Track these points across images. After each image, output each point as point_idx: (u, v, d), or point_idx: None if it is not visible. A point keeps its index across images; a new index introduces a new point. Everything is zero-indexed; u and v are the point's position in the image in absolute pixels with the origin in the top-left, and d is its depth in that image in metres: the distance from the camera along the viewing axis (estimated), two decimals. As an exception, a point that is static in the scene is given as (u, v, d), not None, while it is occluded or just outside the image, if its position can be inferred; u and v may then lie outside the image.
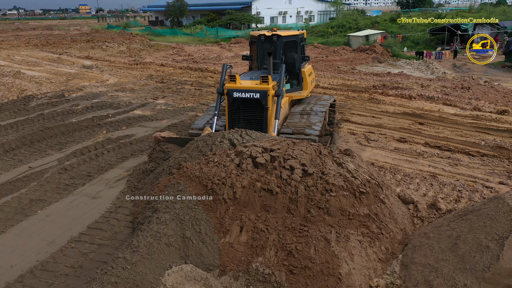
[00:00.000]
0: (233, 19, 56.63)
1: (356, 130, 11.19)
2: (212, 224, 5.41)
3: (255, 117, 8.23)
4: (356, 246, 5.19)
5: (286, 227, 5.27)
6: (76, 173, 8.51)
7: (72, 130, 11.36)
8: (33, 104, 14.49)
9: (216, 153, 6.50)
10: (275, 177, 5.66)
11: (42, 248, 5.86)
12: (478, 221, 5.02)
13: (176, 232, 5.16)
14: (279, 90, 8.08)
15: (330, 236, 5.14)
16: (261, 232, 5.22)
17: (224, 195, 5.56)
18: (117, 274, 4.55)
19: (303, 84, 10.04)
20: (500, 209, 4.93)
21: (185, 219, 5.35)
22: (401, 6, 78.11)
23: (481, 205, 5.36)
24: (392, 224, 5.86)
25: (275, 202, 5.49)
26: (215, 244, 5.21)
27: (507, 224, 4.71)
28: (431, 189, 7.44)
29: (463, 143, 9.97)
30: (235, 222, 5.40)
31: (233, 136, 6.99)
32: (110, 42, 38.72)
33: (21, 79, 19.44)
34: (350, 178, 5.77)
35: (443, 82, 18.46)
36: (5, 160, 9.23)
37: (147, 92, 16.92)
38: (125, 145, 10.14)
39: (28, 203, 7.21)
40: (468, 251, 4.79)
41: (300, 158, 5.92)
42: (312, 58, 27.83)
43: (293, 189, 5.52)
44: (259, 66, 10.00)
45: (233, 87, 8.16)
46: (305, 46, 11.25)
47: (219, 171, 5.89)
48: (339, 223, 5.34)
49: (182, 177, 6.13)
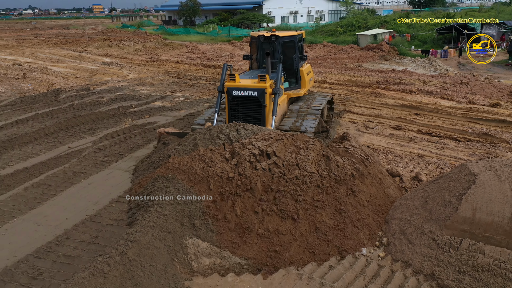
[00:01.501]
0: (245, 19, 57.82)
1: (357, 120, 12.32)
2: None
3: (253, 114, 8.56)
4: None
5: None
6: (109, 152, 9.82)
7: (101, 118, 12.70)
8: (62, 96, 15.90)
9: (210, 149, 6.93)
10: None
11: (89, 207, 7.15)
12: (444, 183, 6.17)
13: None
14: (276, 88, 8.39)
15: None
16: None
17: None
18: (153, 220, 5.79)
19: (301, 83, 10.36)
20: (462, 173, 6.07)
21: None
22: (413, 6, 78.56)
23: (449, 172, 6.49)
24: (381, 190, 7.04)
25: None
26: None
27: (466, 184, 5.84)
28: (418, 167, 8.57)
29: (452, 131, 11.05)
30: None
31: (230, 131, 7.37)
32: (126, 41, 40.19)
33: (48, 74, 20.94)
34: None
35: (444, 79, 19.41)
36: (46, 142, 10.60)
37: (165, 86, 18.25)
38: (149, 130, 11.44)
39: (72, 175, 8.53)
40: (435, 206, 5.94)
41: (303, 161, 6.43)
42: (321, 56, 28.95)
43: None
44: (258, 65, 10.26)
45: (233, 86, 8.51)
46: (315, 44, 12.28)
47: (211, 170, 6.34)
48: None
49: (169, 170, 6.75)
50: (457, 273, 5.15)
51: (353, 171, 6.70)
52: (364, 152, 7.71)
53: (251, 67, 10.80)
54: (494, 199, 5.49)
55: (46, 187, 7.96)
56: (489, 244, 5.27)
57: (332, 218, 6.03)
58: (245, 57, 10.89)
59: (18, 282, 5.21)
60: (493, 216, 5.34)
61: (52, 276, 5.33)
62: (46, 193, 7.72)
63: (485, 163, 6.20)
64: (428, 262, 5.42)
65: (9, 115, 13.06)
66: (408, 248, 5.76)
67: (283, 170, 6.24)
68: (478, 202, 5.51)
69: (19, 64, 23.93)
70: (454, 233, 5.52)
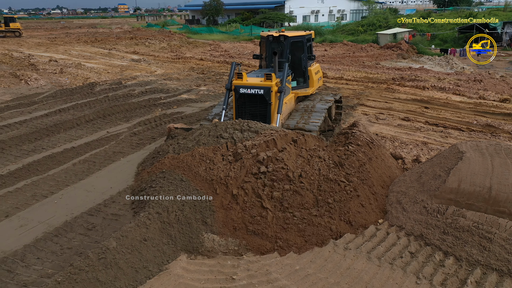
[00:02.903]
0: (267, 18, 58.80)
1: (369, 112, 13.19)
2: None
3: (259, 111, 8.80)
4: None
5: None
6: (143, 136, 11.04)
7: (134, 108, 13.98)
8: (97, 89, 17.30)
9: (212, 149, 7.26)
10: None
11: (129, 179, 8.33)
12: (437, 160, 7.07)
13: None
14: (281, 87, 8.63)
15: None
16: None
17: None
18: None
19: (309, 82, 10.55)
20: (452, 151, 6.96)
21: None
22: (438, 5, 77.97)
23: (442, 151, 7.36)
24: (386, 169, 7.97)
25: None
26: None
27: (454, 161, 6.72)
28: (421, 152, 9.42)
29: (458, 122, 11.81)
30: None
31: (234, 131, 7.62)
32: (152, 39, 41.80)
33: (83, 69, 22.51)
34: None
35: (459, 76, 19.97)
36: (87, 127, 11.91)
37: (191, 81, 19.48)
38: (178, 119, 12.62)
39: (112, 154, 9.77)
40: (427, 180, 6.85)
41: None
42: (340, 55, 29.72)
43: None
44: (267, 64, 10.48)
45: (240, 84, 8.79)
46: (335, 43, 12.91)
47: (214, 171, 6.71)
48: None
49: (165, 165, 7.28)
50: (442, 234, 6.05)
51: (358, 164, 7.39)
52: (369, 136, 8.62)
53: (260, 66, 11.07)
54: (477, 172, 6.36)
55: (91, 163, 9.22)
56: (471, 210, 6.15)
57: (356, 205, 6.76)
58: (255, 56, 11.24)
59: (76, 232, 6.41)
60: (475, 187, 6.22)
61: (104, 228, 6.50)
62: (92, 167, 8.96)
63: (472, 143, 7.07)
64: (418, 226, 6.34)
65: (51, 105, 14.48)
66: (403, 215, 6.69)
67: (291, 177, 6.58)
68: (464, 175, 6.40)
69: (55, 60, 25.65)
70: (442, 202, 6.42)
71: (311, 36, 10.87)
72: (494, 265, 5.43)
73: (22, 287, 5.13)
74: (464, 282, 5.28)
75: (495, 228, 5.75)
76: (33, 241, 6.11)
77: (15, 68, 22.34)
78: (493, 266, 5.43)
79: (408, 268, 5.58)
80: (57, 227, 6.49)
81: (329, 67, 23.36)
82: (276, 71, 9.12)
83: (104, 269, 5.14)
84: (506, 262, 5.41)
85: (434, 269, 5.57)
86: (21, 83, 18.22)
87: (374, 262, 5.75)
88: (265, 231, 6.14)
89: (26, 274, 5.39)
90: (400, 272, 5.54)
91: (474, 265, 5.51)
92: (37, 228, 6.52)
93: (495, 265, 5.43)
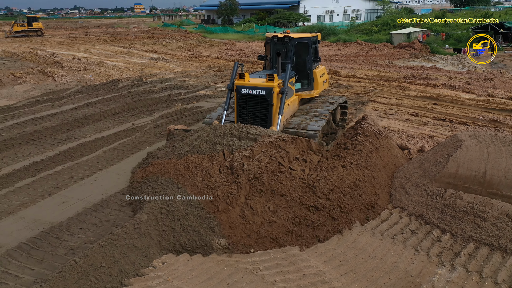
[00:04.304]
0: (281, 18, 59.45)
1: (379, 108, 13.78)
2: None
3: (260, 112, 8.72)
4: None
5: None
6: (166, 128, 11.78)
7: (156, 102, 14.84)
8: (120, 85, 18.24)
9: (208, 157, 7.14)
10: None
11: (155, 165, 9.12)
12: (438, 148, 7.69)
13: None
14: (283, 88, 8.53)
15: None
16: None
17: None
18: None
19: (314, 84, 10.36)
20: (452, 140, 7.58)
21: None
22: (455, 4, 77.52)
23: (443, 141, 7.98)
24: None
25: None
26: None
27: (453, 148, 7.34)
28: (426, 144, 10.01)
29: (464, 118, 12.33)
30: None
31: (232, 138, 7.46)
32: (169, 39, 42.82)
33: (105, 67, 23.56)
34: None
35: (470, 75, 20.35)
36: (114, 120, 12.79)
37: (208, 78, 20.31)
38: (197, 113, 13.42)
39: (139, 143, 10.60)
40: (428, 166, 7.47)
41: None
42: (353, 54, 30.22)
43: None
44: (271, 65, 10.31)
45: (242, 84, 8.69)
46: (349, 43, 13.08)
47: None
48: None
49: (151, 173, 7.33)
50: (440, 213, 6.68)
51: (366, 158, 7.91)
52: (377, 128, 9.26)
53: (265, 67, 10.92)
54: (474, 158, 6.98)
55: (120, 151, 10.06)
56: (467, 193, 6.76)
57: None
58: (260, 57, 11.07)
59: (112, 208, 7.22)
60: (472, 171, 6.84)
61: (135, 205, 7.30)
62: (121, 155, 9.81)
63: (471, 133, 7.68)
64: (419, 207, 6.98)
65: (79, 99, 15.44)
66: (405, 197, 7.33)
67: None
68: (461, 161, 7.02)
69: (78, 58, 26.80)
70: (441, 185, 7.04)
71: (317, 38, 10.74)
72: (486, 240, 6.05)
73: (69, 250, 5.95)
74: (458, 254, 5.91)
75: (488, 208, 6.36)
76: (75, 215, 6.94)
77: (41, 65, 23.50)
78: (485, 241, 6.05)
79: (408, 242, 6.25)
80: (94, 204, 7.33)
81: (342, 66, 23.93)
82: (279, 72, 9.11)
83: (139, 237, 5.92)
84: (497, 237, 6.02)
85: (432, 243, 6.21)
86: (49, 79, 19.28)
87: (377, 237, 6.42)
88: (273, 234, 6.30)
89: (71, 240, 6.22)
90: (400, 245, 6.20)
91: (468, 241, 6.13)
92: (78, 204, 7.36)
93: (487, 240, 6.05)
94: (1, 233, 6.48)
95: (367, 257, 5.97)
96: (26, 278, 5.36)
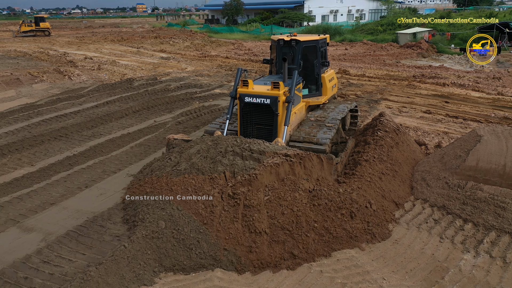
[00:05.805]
0: (286, 18, 59.77)
1: (392, 106, 14.14)
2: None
3: (265, 122, 8.14)
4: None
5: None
6: (187, 125, 12.24)
7: (174, 100, 15.22)
8: (136, 84, 18.63)
9: (209, 179, 6.52)
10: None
11: (182, 160, 9.49)
12: (457, 143, 8.05)
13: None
14: (289, 97, 7.93)
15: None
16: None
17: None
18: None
19: (322, 90, 9.72)
20: (471, 135, 7.94)
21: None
22: (458, 4, 77.77)
23: (462, 136, 8.34)
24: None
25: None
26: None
27: (473, 143, 7.70)
28: (442, 140, 10.37)
29: (477, 115, 12.68)
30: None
31: (235, 157, 6.82)
32: (175, 39, 43.21)
33: (118, 66, 23.96)
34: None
35: (478, 74, 20.68)
36: (135, 117, 13.18)
37: (221, 77, 20.69)
38: (215, 110, 13.80)
39: (163, 139, 10.96)
40: (449, 159, 7.83)
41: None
42: (360, 53, 30.56)
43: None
44: (277, 70, 9.65)
45: (245, 92, 8.05)
46: (355, 42, 12.91)
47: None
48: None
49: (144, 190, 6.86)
50: (462, 204, 7.04)
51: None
52: (396, 124, 9.63)
53: (270, 72, 10.26)
54: (493, 152, 7.33)
55: (146, 147, 10.45)
56: (487, 184, 7.12)
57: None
58: (265, 61, 10.25)
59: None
60: (491, 164, 7.20)
61: (170, 197, 7.67)
62: (148, 150, 10.20)
63: (489, 128, 8.03)
64: (441, 198, 7.34)
65: (97, 98, 15.83)
66: (427, 189, 7.69)
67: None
68: (481, 154, 7.38)
69: (90, 58, 27.21)
70: (462, 178, 7.40)
71: (326, 41, 9.97)
72: (507, 229, 6.40)
73: (115, 237, 6.33)
74: (481, 242, 6.27)
75: (508, 198, 6.72)
76: (115, 205, 7.32)
77: (55, 65, 23.91)
78: (506, 229, 6.40)
79: (432, 231, 6.61)
80: (131, 195, 7.69)
81: (351, 65, 24.28)
82: (285, 78, 8.48)
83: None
84: (517, 226, 6.38)
85: (455, 232, 6.58)
86: (65, 78, 19.68)
87: (403, 226, 6.80)
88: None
89: (115, 228, 6.59)
90: (426, 233, 6.57)
91: (490, 229, 6.48)
92: (115, 196, 7.74)
93: (508, 229, 6.40)
94: (48, 221, 6.87)
95: (395, 244, 6.34)
96: (79, 262, 5.74)
